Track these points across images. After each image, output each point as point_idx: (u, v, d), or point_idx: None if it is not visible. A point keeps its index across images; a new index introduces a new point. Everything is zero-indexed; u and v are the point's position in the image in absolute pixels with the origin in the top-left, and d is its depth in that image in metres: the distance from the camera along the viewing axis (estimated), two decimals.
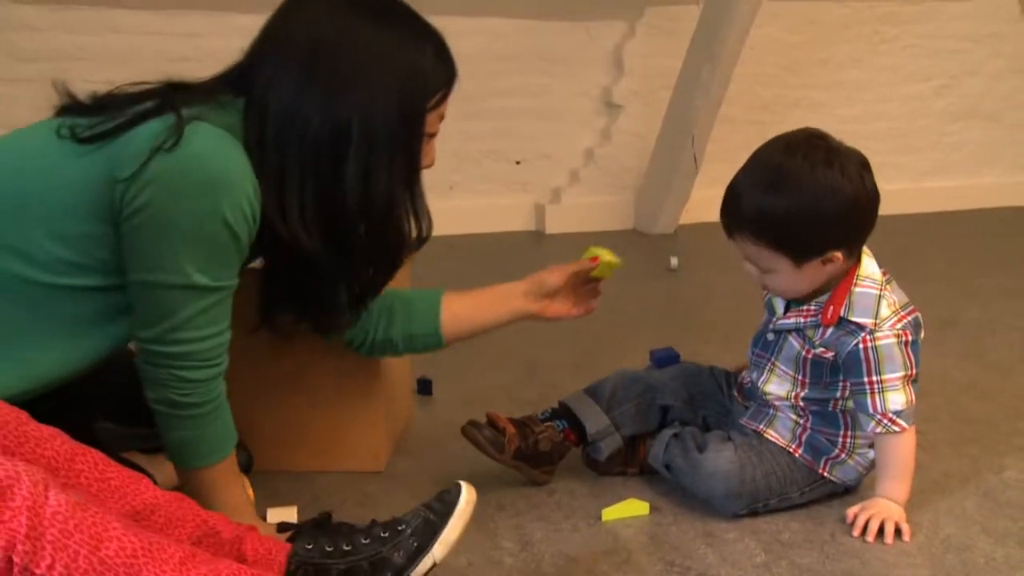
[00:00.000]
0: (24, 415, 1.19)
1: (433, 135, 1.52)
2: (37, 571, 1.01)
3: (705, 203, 3.94)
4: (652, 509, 1.67)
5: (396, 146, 1.44)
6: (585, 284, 1.82)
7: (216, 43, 3.66)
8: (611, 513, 1.65)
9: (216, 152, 1.33)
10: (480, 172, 4.07)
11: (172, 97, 1.37)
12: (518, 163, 4.15)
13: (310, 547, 1.31)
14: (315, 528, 1.39)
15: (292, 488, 1.74)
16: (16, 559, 1.00)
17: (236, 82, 1.44)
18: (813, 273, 1.59)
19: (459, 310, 1.76)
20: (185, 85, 1.44)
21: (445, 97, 1.50)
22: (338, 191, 1.42)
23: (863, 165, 1.58)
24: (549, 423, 1.74)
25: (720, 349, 1.99)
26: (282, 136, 1.39)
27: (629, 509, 1.66)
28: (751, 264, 1.63)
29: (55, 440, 1.20)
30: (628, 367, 1.85)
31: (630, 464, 1.79)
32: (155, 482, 1.30)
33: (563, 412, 1.77)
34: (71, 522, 1.03)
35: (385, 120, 1.42)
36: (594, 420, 1.74)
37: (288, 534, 1.42)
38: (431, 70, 1.46)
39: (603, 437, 1.74)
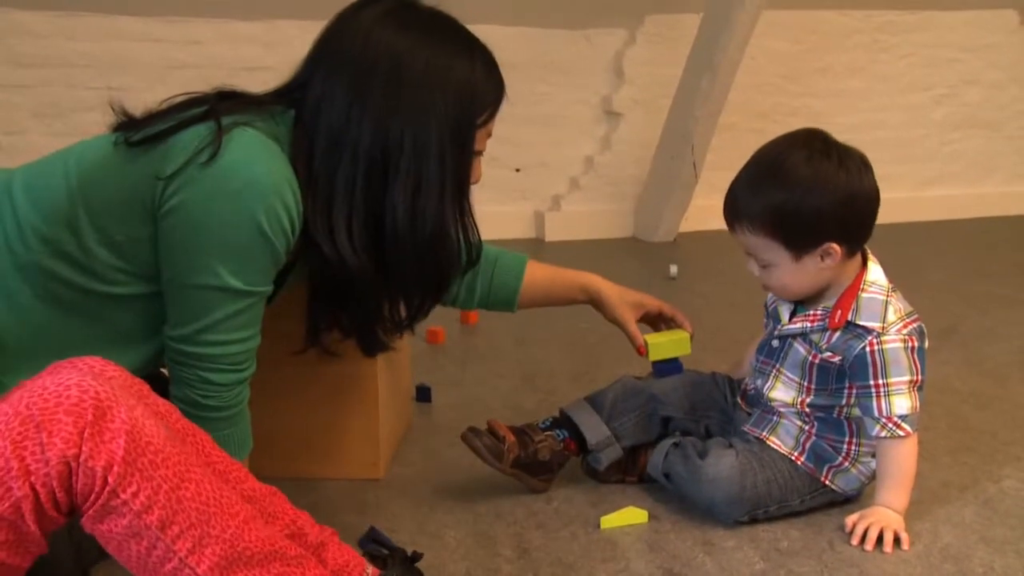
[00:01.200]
0: (146, 387, 1.22)
1: (481, 152, 1.52)
2: (123, 496, 1.03)
3: (705, 212, 3.96)
4: (651, 517, 1.67)
5: (447, 164, 1.44)
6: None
7: (216, 50, 3.68)
8: (610, 521, 1.64)
9: (255, 158, 1.33)
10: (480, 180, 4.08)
11: (219, 105, 1.38)
12: (518, 171, 4.16)
13: None
14: (406, 562, 1.39)
15: (290, 495, 1.70)
16: (110, 479, 1.02)
17: (287, 96, 1.44)
18: (813, 269, 1.59)
19: (538, 280, 1.83)
20: (236, 94, 1.45)
21: (494, 114, 1.51)
22: (387, 209, 1.42)
23: (863, 163, 1.59)
24: (549, 432, 1.74)
25: (719, 357, 1.99)
26: (332, 153, 1.40)
27: (628, 517, 1.66)
28: (752, 260, 1.64)
29: (173, 415, 1.23)
30: (629, 375, 1.84)
31: (629, 473, 1.79)
32: None
33: (563, 421, 1.76)
34: (160, 456, 1.06)
35: (438, 138, 1.42)
36: (594, 431, 1.74)
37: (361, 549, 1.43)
38: (481, 86, 1.46)
39: (603, 448, 1.74)
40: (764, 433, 1.70)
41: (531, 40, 4.00)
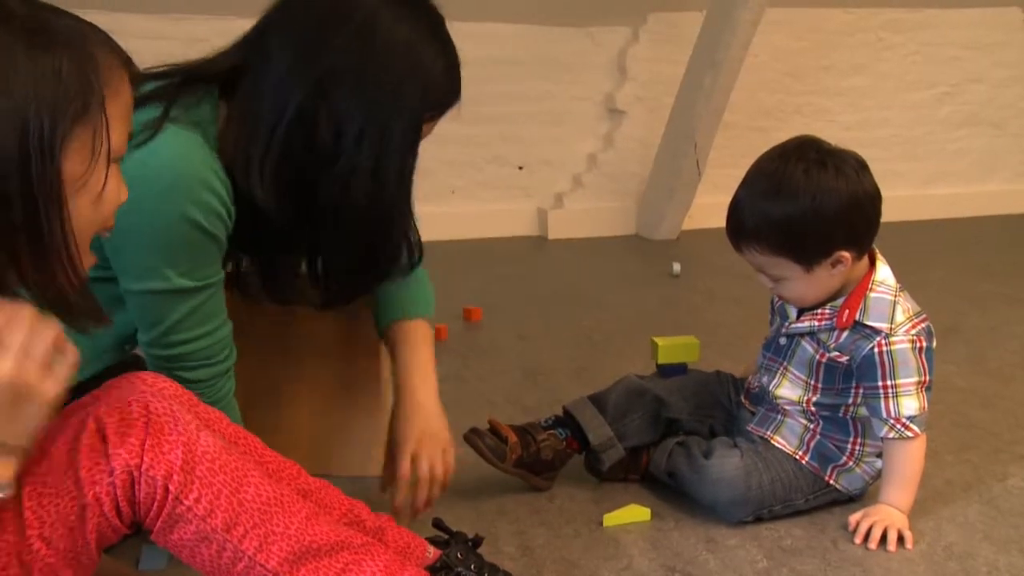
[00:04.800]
0: (194, 397, 1.25)
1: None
2: (186, 502, 1.07)
3: (707, 209, 3.95)
4: (653, 515, 1.67)
5: (406, 154, 1.40)
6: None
7: (219, 46, 3.68)
8: (612, 519, 1.64)
9: (173, 155, 1.30)
10: (482, 177, 4.07)
11: (145, 98, 1.34)
12: (521, 168, 4.15)
13: (461, 557, 1.35)
14: (467, 544, 1.40)
15: None
16: (171, 488, 1.07)
17: (244, 45, 1.41)
18: (825, 277, 1.59)
19: (397, 345, 1.63)
20: (166, 74, 1.40)
21: (440, 115, 1.46)
22: (334, 175, 1.38)
23: (860, 165, 1.58)
24: (551, 431, 1.74)
25: (722, 355, 1.99)
26: (266, 98, 1.35)
27: (630, 515, 1.66)
28: (763, 275, 1.63)
29: (222, 421, 1.27)
30: (633, 373, 1.84)
31: (632, 472, 1.79)
32: None
33: (566, 420, 1.76)
34: (217, 462, 1.10)
35: (401, 124, 1.38)
36: (597, 431, 1.73)
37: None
38: (439, 84, 1.42)
39: (605, 449, 1.73)
40: (768, 432, 1.70)
41: (535, 37, 3.99)
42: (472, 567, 1.34)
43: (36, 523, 1.04)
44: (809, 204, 1.53)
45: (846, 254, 1.56)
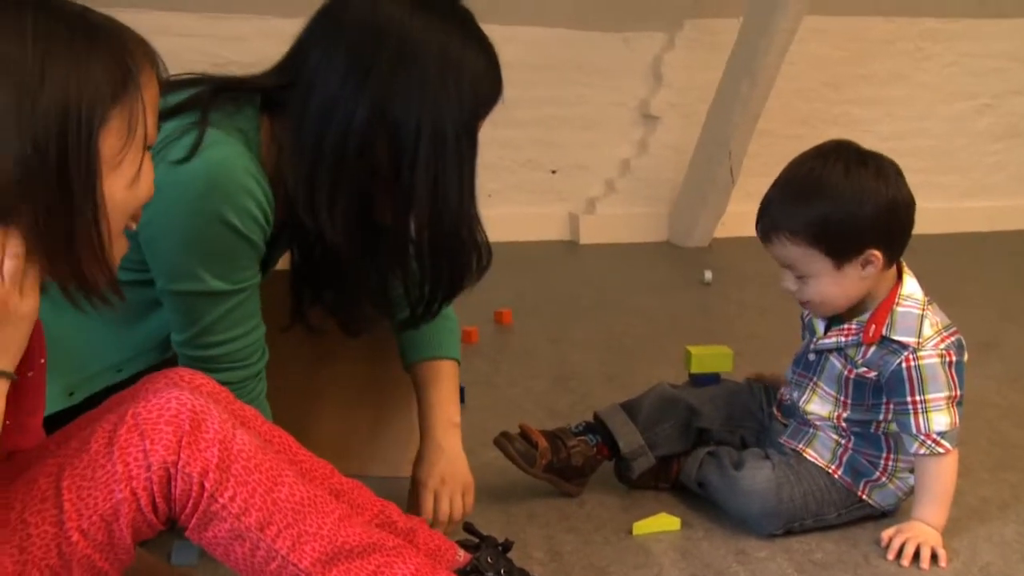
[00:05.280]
0: (230, 394, 1.27)
1: None
2: (221, 500, 1.08)
3: (741, 217, 3.92)
4: (683, 524, 1.66)
5: (464, 158, 1.38)
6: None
7: (259, 45, 3.67)
8: (642, 527, 1.63)
9: (212, 158, 1.31)
10: (515, 181, 4.07)
11: (185, 105, 1.35)
12: (554, 172, 4.15)
13: (491, 561, 1.35)
14: (497, 548, 1.40)
15: None
16: (207, 485, 1.07)
17: (283, 67, 1.41)
18: (853, 278, 1.57)
19: (423, 379, 1.66)
20: (213, 81, 1.41)
21: (489, 111, 1.44)
22: (400, 194, 1.37)
23: (897, 171, 1.58)
24: (582, 437, 1.73)
25: (753, 365, 1.97)
26: (323, 123, 1.35)
27: (660, 524, 1.65)
28: (789, 273, 1.61)
29: (257, 419, 1.28)
30: (665, 381, 1.83)
31: (662, 480, 1.78)
32: None
33: (597, 426, 1.75)
34: (252, 461, 1.10)
35: (455, 128, 1.36)
36: (628, 439, 1.72)
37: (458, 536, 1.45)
38: (487, 82, 1.41)
39: (636, 457, 1.72)
40: (801, 445, 1.68)
41: (569, 42, 3.99)
42: (502, 571, 1.35)
43: (75, 516, 1.05)
44: (850, 198, 1.53)
45: (878, 255, 1.55)
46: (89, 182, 0.98)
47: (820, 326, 1.67)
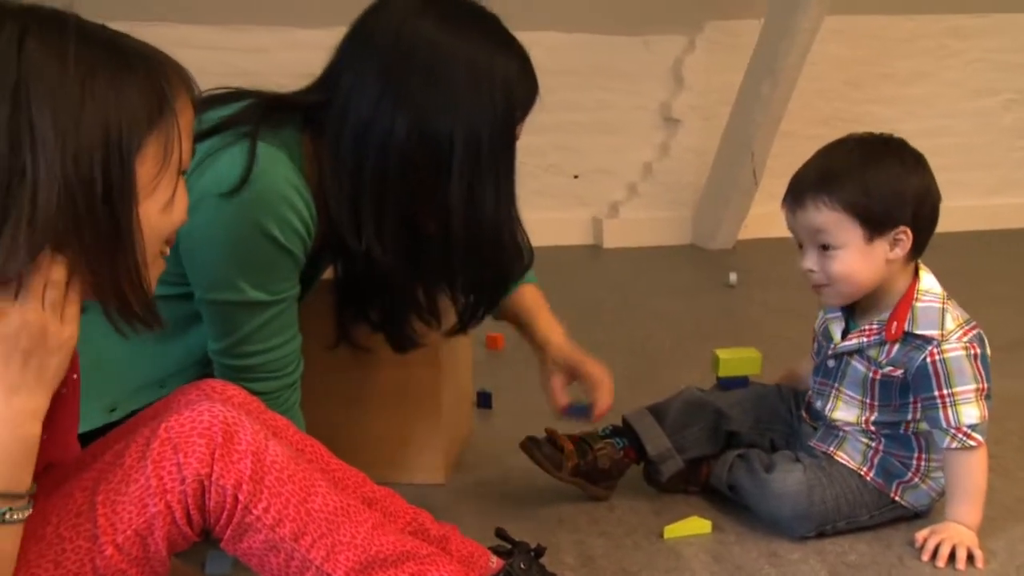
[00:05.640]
0: (261, 404, 1.28)
1: None
2: (255, 511, 1.09)
3: (764, 219, 3.91)
4: (714, 528, 1.65)
5: (500, 165, 1.40)
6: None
7: (281, 56, 3.72)
8: (673, 531, 1.63)
9: (259, 171, 1.32)
10: (538, 186, 4.07)
11: (235, 119, 1.37)
12: (576, 177, 4.15)
13: (524, 567, 1.35)
14: (529, 554, 1.40)
15: None
16: (241, 497, 1.08)
17: (316, 92, 1.42)
18: (879, 258, 1.56)
19: (523, 308, 1.76)
20: (254, 95, 1.44)
21: (526, 114, 1.46)
22: (437, 206, 1.39)
23: (928, 166, 1.60)
24: (608, 440, 1.73)
25: (778, 366, 1.96)
26: (360, 145, 1.36)
27: (691, 527, 1.64)
28: (812, 250, 1.59)
29: (288, 429, 1.29)
30: (693, 385, 1.82)
31: (692, 483, 1.77)
32: None
33: (624, 429, 1.75)
34: (286, 472, 1.11)
35: (488, 138, 1.37)
36: (655, 442, 1.72)
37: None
38: (521, 86, 1.42)
39: (663, 460, 1.72)
40: (831, 448, 1.67)
41: (590, 46, 3.99)
42: None
43: (109, 530, 1.06)
44: (895, 172, 1.55)
45: (908, 235, 1.55)
46: (126, 208, 0.99)
47: (837, 331, 1.66)
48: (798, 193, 1.59)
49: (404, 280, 1.46)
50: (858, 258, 1.57)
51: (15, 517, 0.97)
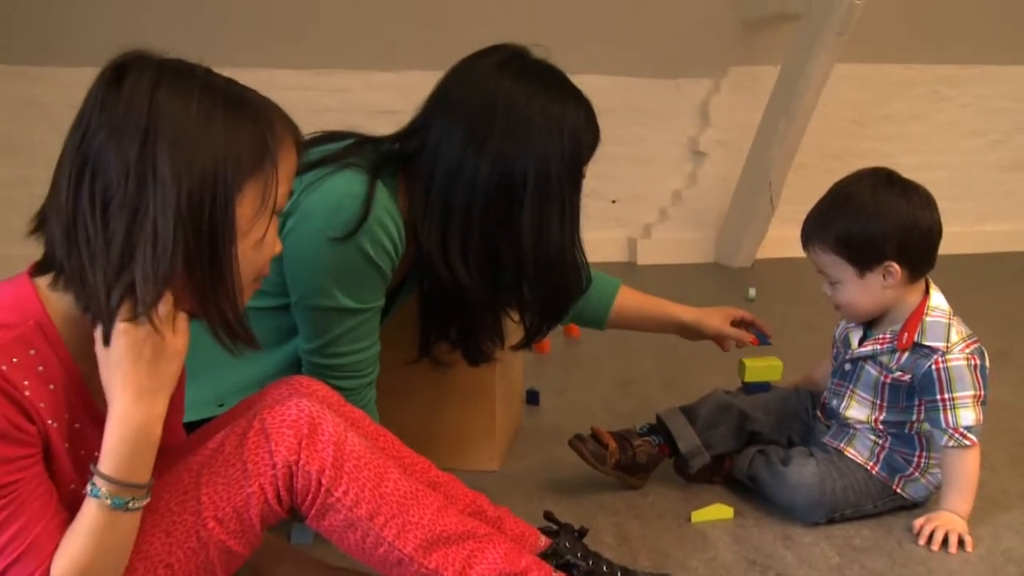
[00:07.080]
0: (340, 398, 1.29)
1: None
2: (336, 494, 1.10)
3: (780, 241, 3.88)
4: (736, 513, 1.64)
5: (566, 199, 1.42)
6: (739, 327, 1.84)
7: (361, 96, 3.77)
8: (700, 515, 1.62)
9: (355, 193, 1.34)
10: (581, 209, 4.06)
11: (350, 151, 1.40)
12: (614, 202, 4.13)
13: (569, 546, 1.34)
14: (574, 535, 1.40)
15: None
16: (324, 481, 1.09)
17: (408, 137, 1.44)
18: (876, 287, 1.55)
19: (627, 307, 1.78)
20: (355, 135, 1.46)
21: (591, 156, 1.47)
22: (510, 238, 1.40)
23: (928, 197, 1.56)
24: (646, 437, 1.72)
25: (794, 372, 1.95)
26: (450, 184, 1.38)
27: (715, 513, 1.63)
28: (824, 279, 1.61)
29: (364, 420, 1.29)
30: (721, 388, 1.80)
31: (716, 475, 1.76)
32: None
33: (659, 427, 1.74)
34: (362, 459, 1.12)
35: (557, 176, 1.39)
36: (686, 440, 1.70)
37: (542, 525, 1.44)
38: (586, 131, 1.44)
39: (693, 456, 1.70)
40: (842, 444, 1.65)
41: (627, 88, 3.98)
42: (579, 555, 1.34)
43: (211, 507, 1.08)
44: (872, 213, 1.53)
45: (897, 268, 1.53)
46: (227, 246, 0.98)
47: (855, 338, 1.64)
48: (804, 237, 1.61)
49: (482, 300, 1.47)
50: (855, 290, 1.57)
51: (136, 505, 0.99)
